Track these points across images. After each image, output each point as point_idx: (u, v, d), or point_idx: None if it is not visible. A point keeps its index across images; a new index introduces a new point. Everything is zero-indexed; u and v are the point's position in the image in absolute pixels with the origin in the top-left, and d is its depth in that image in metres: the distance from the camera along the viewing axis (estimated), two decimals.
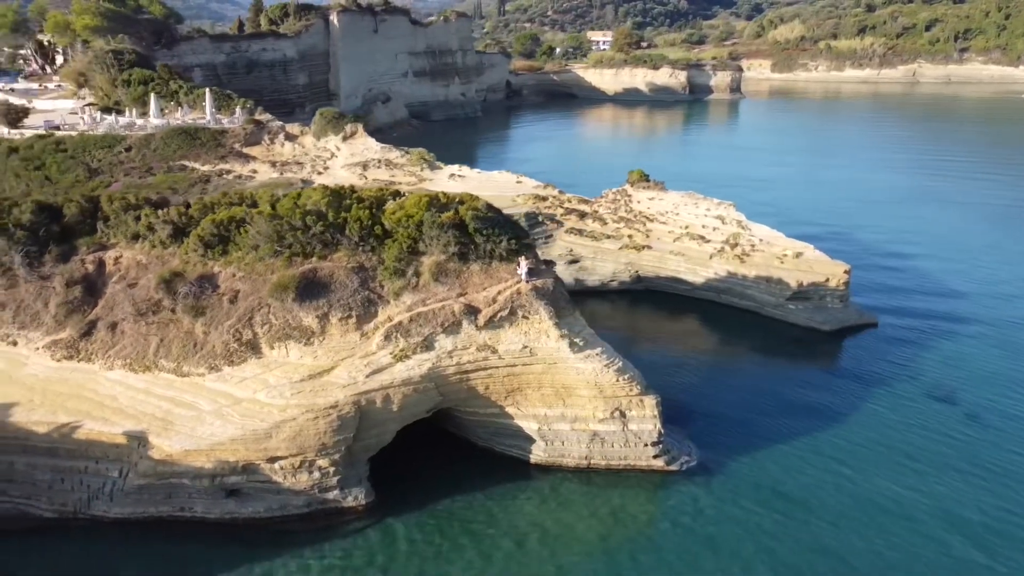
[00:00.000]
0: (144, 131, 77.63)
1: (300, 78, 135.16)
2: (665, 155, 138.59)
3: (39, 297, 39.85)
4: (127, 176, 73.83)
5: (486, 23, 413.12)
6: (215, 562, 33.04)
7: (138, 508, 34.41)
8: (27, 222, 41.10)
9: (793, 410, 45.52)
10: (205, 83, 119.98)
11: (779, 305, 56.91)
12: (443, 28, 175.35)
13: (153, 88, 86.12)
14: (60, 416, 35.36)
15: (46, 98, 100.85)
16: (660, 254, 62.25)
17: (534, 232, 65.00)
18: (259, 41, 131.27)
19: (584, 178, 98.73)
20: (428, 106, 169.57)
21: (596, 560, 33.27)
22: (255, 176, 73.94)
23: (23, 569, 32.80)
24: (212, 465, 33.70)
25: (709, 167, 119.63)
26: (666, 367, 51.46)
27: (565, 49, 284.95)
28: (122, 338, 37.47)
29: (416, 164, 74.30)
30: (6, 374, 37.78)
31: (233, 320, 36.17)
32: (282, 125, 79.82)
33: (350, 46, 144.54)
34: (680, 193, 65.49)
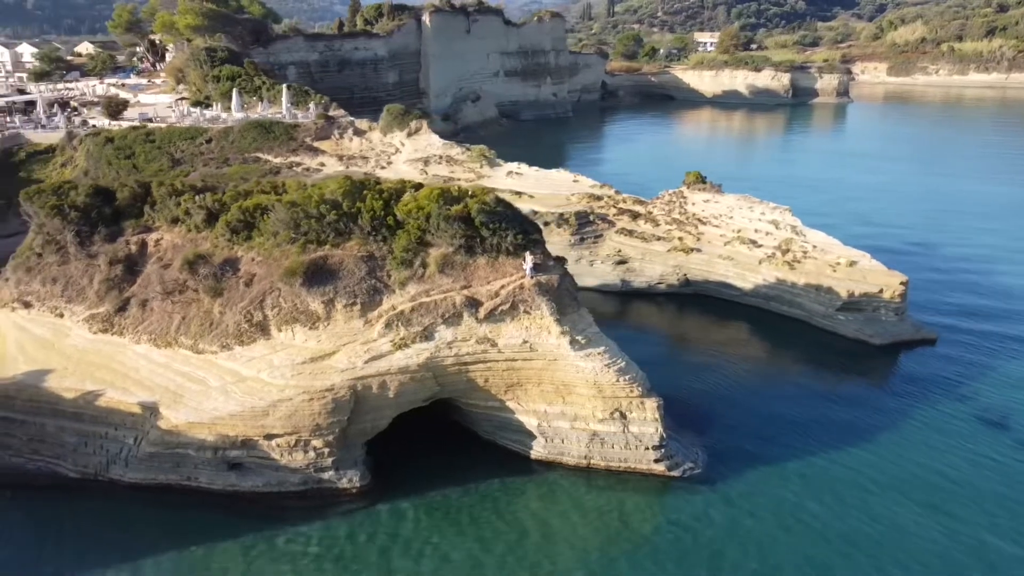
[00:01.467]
0: (225, 124, 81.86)
1: (390, 76, 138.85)
2: (756, 159, 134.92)
3: (85, 274, 42.74)
4: (205, 167, 78.04)
5: (594, 24, 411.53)
6: (216, 530, 34.70)
7: (149, 474, 36.55)
8: (81, 204, 44.11)
9: (826, 426, 43.48)
10: (298, 80, 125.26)
11: (828, 315, 54.42)
12: (536, 28, 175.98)
13: (238, 84, 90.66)
14: (87, 384, 38.00)
15: (150, 92, 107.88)
16: (709, 257, 60.67)
17: (584, 231, 64.85)
18: (351, 40, 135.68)
19: (664, 179, 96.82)
20: (518, 106, 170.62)
21: (586, 560, 32.99)
22: (322, 169, 76.61)
23: (50, 523, 35.46)
24: (214, 438, 35.41)
25: (796, 172, 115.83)
26: (701, 372, 50.45)
27: (668, 50, 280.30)
28: (150, 315, 39.79)
29: (476, 161, 75.16)
30: (50, 343, 40.84)
31: (246, 302, 37.81)
32: (351, 120, 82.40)
33: (441, 45, 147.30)
34: (736, 196, 63.59)
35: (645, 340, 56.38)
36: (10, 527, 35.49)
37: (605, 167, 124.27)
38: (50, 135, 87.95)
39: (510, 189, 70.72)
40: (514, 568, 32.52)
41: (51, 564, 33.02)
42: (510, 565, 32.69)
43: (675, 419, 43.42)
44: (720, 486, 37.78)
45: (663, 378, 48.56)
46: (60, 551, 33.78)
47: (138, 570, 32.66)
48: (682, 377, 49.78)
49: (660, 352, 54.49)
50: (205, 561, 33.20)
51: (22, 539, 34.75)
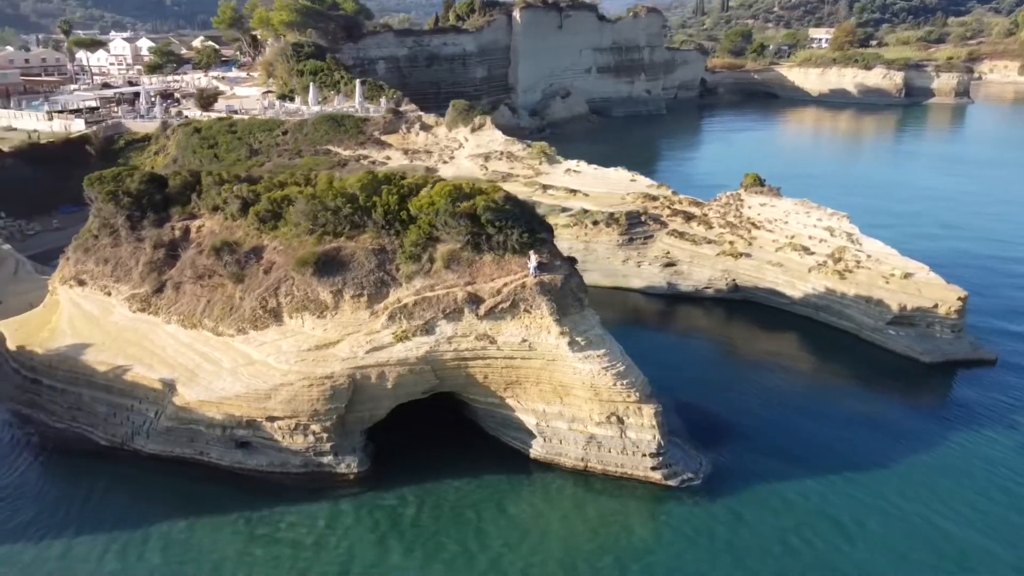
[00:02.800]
0: (301, 117, 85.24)
1: (478, 72, 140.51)
2: (851, 162, 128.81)
3: (133, 256, 45.67)
4: (279, 157, 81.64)
5: (707, 20, 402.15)
6: (223, 504, 36.38)
7: (167, 447, 38.86)
8: (134, 190, 47.10)
9: (855, 447, 41.03)
10: (387, 75, 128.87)
11: (878, 329, 51.68)
12: (631, 24, 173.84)
13: (319, 78, 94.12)
14: (119, 359, 40.71)
15: (245, 85, 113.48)
16: (758, 263, 58.70)
17: (634, 231, 64.06)
18: (440, 36, 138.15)
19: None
20: (610, 102, 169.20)
21: (575, 564, 32.72)
22: (388, 163, 78.70)
23: (80, 486, 38.18)
24: (222, 417, 37.30)
25: (889, 176, 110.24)
26: (736, 381, 49.08)
27: (778, 47, 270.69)
28: (182, 297, 42.17)
29: (535, 158, 75.32)
30: (96, 319, 43.96)
31: (262, 289, 39.53)
32: (419, 115, 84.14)
33: (532, 41, 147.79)
34: (793, 200, 61.21)
35: (685, 345, 55.38)
36: (45, 488, 38.43)
37: (688, 166, 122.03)
38: (148, 125, 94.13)
39: (566, 187, 70.71)
40: (504, 566, 32.59)
41: (74, 525, 35.41)
42: (501, 563, 32.77)
43: (691, 427, 42.65)
44: (721, 501, 36.56)
45: (694, 384, 48.21)
46: (83, 513, 36.19)
47: (149, 537, 34.64)
48: (715, 384, 48.60)
49: (699, 358, 53.30)
50: (211, 533, 34.87)
51: (53, 499, 37.45)
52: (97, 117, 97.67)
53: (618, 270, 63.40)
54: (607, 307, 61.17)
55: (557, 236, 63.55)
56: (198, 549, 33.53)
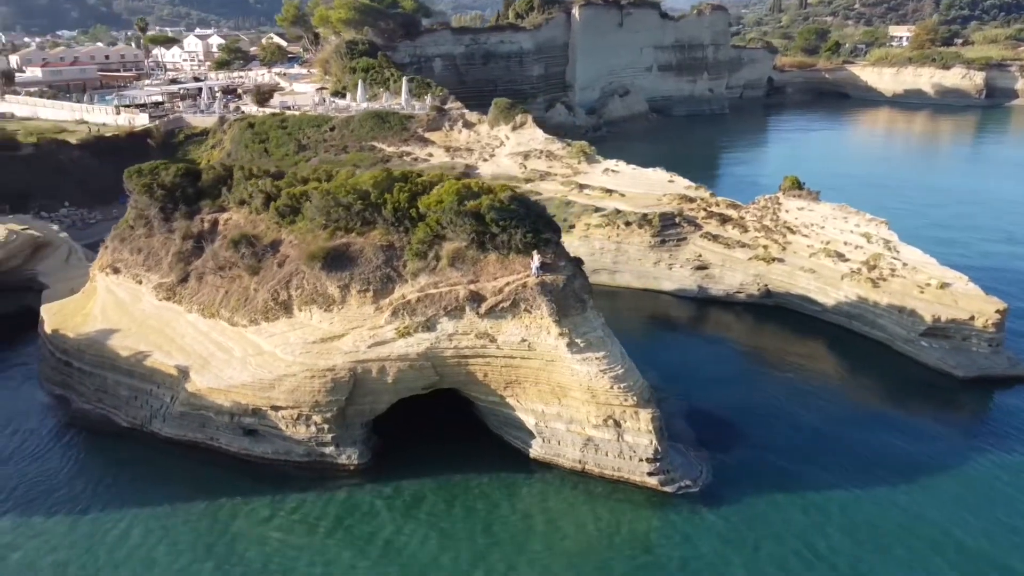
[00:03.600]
0: (348, 113, 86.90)
1: (535, 69, 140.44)
2: (914, 166, 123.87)
3: (163, 246, 47.51)
4: (326, 153, 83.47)
5: (783, 16, 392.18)
6: (230, 488, 37.59)
7: (180, 431, 40.37)
8: (168, 183, 48.95)
9: (873, 462, 39.51)
10: (444, 72, 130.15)
11: (910, 340, 49.76)
12: (695, 22, 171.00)
13: (370, 75, 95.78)
14: (142, 345, 42.46)
15: (304, 82, 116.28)
16: (791, 269, 57.21)
17: (666, 233, 63.26)
18: (497, 34, 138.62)
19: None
20: (671, 101, 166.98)
21: (565, 566, 32.77)
22: (429, 160, 79.61)
23: (107, 466, 39.97)
24: (229, 404, 38.54)
25: (953, 182, 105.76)
26: (758, 388, 48.20)
27: (854, 45, 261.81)
28: (204, 287, 43.67)
29: (575, 157, 75.02)
30: (125, 306, 45.93)
31: (275, 281, 40.62)
32: (462, 113, 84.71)
33: (591, 39, 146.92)
34: (832, 205, 59.44)
35: (712, 350, 54.42)
36: (73, 466, 40.33)
37: (742, 167, 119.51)
38: (207, 119, 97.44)
39: (602, 187, 70.30)
40: (490, 563, 32.79)
41: (99, 502, 36.90)
42: (487, 560, 32.98)
43: (702, 433, 42.02)
44: (717, 511, 35.88)
45: (714, 390, 47.39)
46: (107, 491, 37.82)
47: (159, 515, 35.98)
48: (736, 391, 47.66)
49: (724, 364, 52.26)
50: (216, 515, 36.05)
51: (80, 477, 39.25)
52: (160, 112, 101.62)
53: (649, 272, 62.68)
54: (636, 309, 61.04)
55: (589, 236, 63.84)
56: (207, 532, 34.65)
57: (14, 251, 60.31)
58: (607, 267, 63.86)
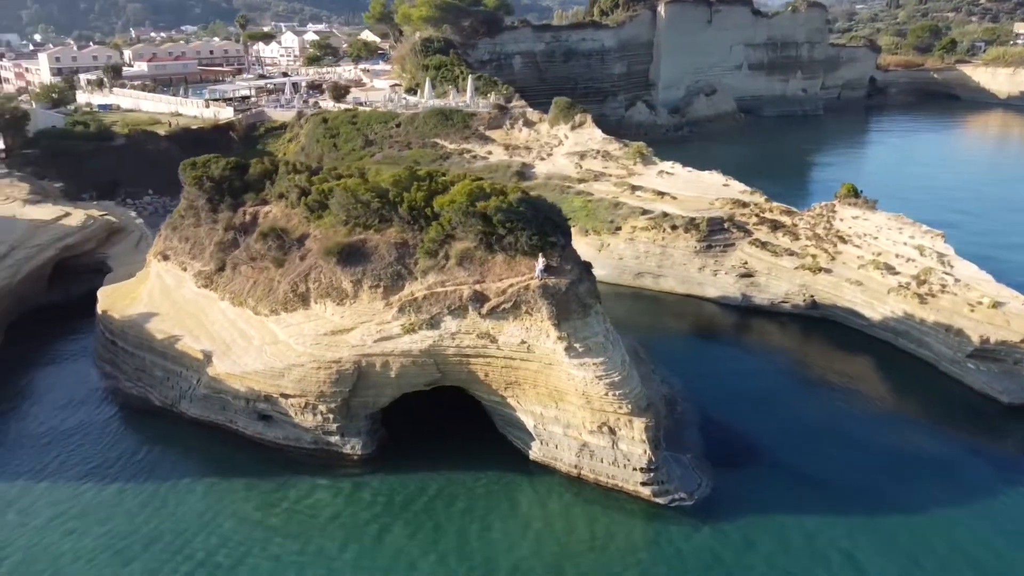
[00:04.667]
0: (415, 110, 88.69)
1: (617, 67, 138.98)
2: None
3: (208, 236, 49.99)
4: (390, 149, 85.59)
5: (900, 13, 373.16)
6: (243, 469, 39.66)
7: (203, 412, 42.59)
8: (216, 176, 51.45)
9: (893, 491, 37.69)
10: (523, 70, 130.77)
11: (956, 361, 47.00)
12: (789, 19, 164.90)
13: (441, 73, 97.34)
14: (176, 329, 44.94)
15: (384, 78, 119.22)
16: (837, 280, 54.94)
17: (714, 238, 61.95)
18: (578, 31, 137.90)
19: (888, 192, 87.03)
20: (761, 101, 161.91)
21: (540, 568, 33.06)
22: (488, 158, 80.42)
23: (138, 442, 42.62)
24: (244, 389, 40.37)
25: None
26: (788, 403, 46.86)
27: (972, 43, 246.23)
28: (237, 277, 45.76)
29: (631, 158, 74.16)
30: (169, 291, 48.66)
31: (295, 274, 42.21)
32: (523, 111, 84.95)
33: (677, 37, 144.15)
34: (888, 215, 56.61)
35: (749, 361, 53.00)
36: (109, 439, 43.13)
37: (825, 171, 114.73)
38: (286, 113, 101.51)
39: (654, 188, 69.37)
40: (477, 563, 33.23)
41: (127, 475, 39.36)
42: (475, 559, 33.42)
43: (716, 445, 41.14)
44: (710, 527, 35.17)
45: (742, 401, 46.37)
46: (135, 465, 40.39)
47: (175, 491, 38.21)
48: (765, 404, 46.34)
49: (758, 375, 50.79)
50: (228, 494, 37.96)
51: (113, 450, 41.95)
52: (244, 106, 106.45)
53: (693, 277, 61.43)
54: (678, 315, 60.01)
55: (635, 238, 63.23)
56: (215, 511, 36.49)
57: (89, 236, 64.83)
58: (651, 271, 63.01)
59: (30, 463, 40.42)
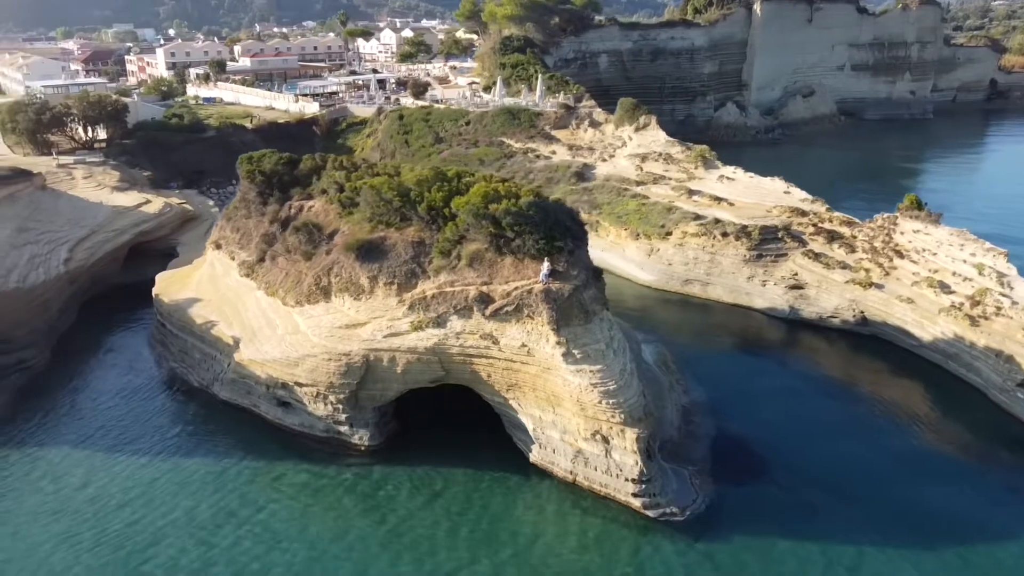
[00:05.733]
0: (485, 108, 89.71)
1: (707, 67, 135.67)
2: None
3: (255, 228, 52.51)
4: (458, 146, 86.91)
5: None
6: (263, 452, 41.61)
7: (232, 396, 44.92)
8: (267, 170, 53.90)
9: (910, 525, 35.63)
10: (609, 69, 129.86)
11: (1005, 390, 43.97)
12: (898, 18, 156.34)
13: (516, 71, 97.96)
14: (214, 315, 47.52)
15: (468, 76, 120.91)
16: (887, 296, 52.26)
17: (765, 247, 60.17)
18: (668, 30, 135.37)
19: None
20: (863, 103, 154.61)
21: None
22: (551, 158, 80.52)
23: (175, 420, 45.32)
24: (264, 376, 42.33)
25: None
26: (816, 424, 45.09)
27: None
28: (274, 268, 47.93)
29: (692, 161, 72.60)
30: (217, 279, 51.39)
31: (320, 268, 43.85)
32: (590, 112, 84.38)
33: (774, 36, 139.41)
34: (950, 230, 53.25)
35: (789, 376, 51.34)
36: (149, 416, 45.84)
37: (918, 181, 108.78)
38: (368, 109, 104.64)
39: (712, 194, 67.84)
40: (462, 561, 33.73)
41: (163, 453, 41.85)
42: (460, 557, 33.93)
43: (725, 460, 40.22)
44: (704, 544, 34.46)
45: (770, 417, 45.10)
46: (170, 444, 43.00)
47: (200, 467, 40.51)
48: (793, 422, 44.85)
49: (795, 392, 49.06)
50: (246, 475, 39.95)
51: (152, 427, 44.60)
52: (330, 101, 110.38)
53: (741, 287, 59.76)
54: (722, 325, 58.61)
55: (684, 244, 62.21)
56: (230, 489, 38.51)
57: (164, 222, 69.22)
58: (700, 278, 61.69)
59: (77, 432, 43.71)
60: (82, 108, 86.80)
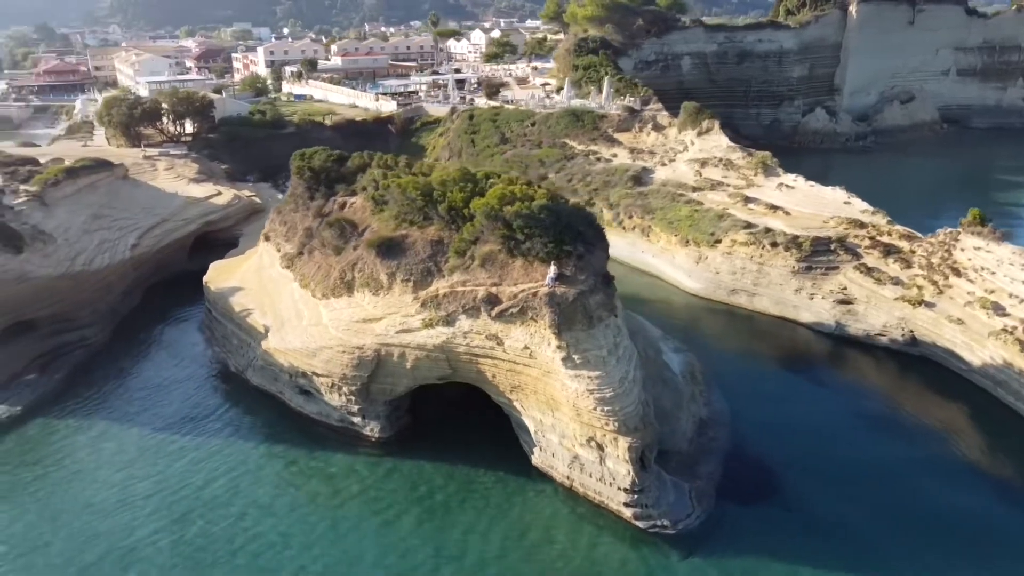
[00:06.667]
0: (550, 110, 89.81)
1: (795, 70, 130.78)
2: None
3: (301, 222, 54.60)
4: (521, 147, 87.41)
5: None
6: (282, 437, 43.50)
7: (261, 382, 47.00)
8: (316, 166, 55.91)
9: (923, 562, 34.16)
10: (692, 71, 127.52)
11: None
12: (1013, 19, 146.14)
13: (587, 73, 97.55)
14: (252, 304, 49.78)
15: (545, 76, 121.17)
16: (936, 317, 49.48)
17: (815, 259, 58.32)
18: (755, 32, 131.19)
19: None
20: (969, 110, 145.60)
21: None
22: (611, 160, 79.94)
23: (209, 402, 47.84)
24: (287, 364, 44.06)
25: None
26: (841, 446, 43.19)
27: None
28: (310, 261, 49.75)
29: (752, 168, 70.56)
30: (262, 269, 53.73)
31: (345, 263, 45.23)
32: (653, 115, 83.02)
33: (871, 38, 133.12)
34: (1014, 248, 49.93)
35: (829, 394, 49.84)
36: (186, 397, 48.40)
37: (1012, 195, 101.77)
38: (442, 109, 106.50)
39: (768, 202, 65.96)
40: (448, 556, 34.42)
41: (194, 433, 44.19)
42: (447, 552, 34.61)
43: (735, 476, 39.26)
44: (698, 559, 33.86)
45: (795, 435, 44.15)
46: (199, 421, 45.59)
47: (227, 447, 42.77)
48: (819, 442, 43.27)
49: (830, 412, 47.17)
50: (263, 457, 41.94)
51: (185, 407, 47.26)
52: (406, 100, 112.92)
53: (788, 299, 57.79)
54: (765, 338, 57.00)
55: (732, 253, 60.94)
56: (252, 475, 40.34)
57: (230, 214, 72.73)
58: (747, 288, 60.03)
59: (119, 408, 46.80)
60: (172, 103, 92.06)
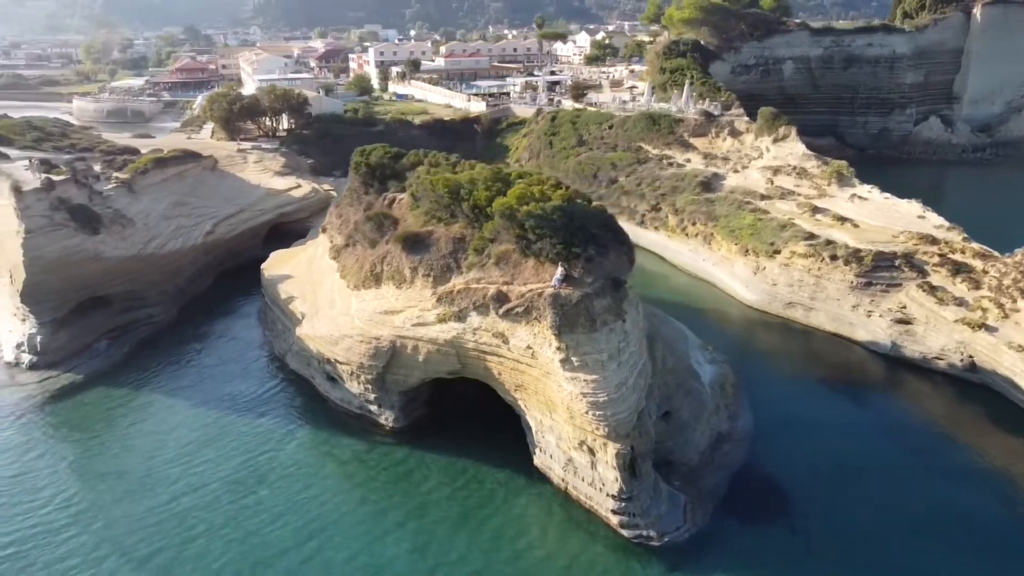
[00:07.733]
0: (629, 112, 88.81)
1: (909, 76, 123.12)
2: None
3: (352, 215, 56.68)
4: (597, 149, 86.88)
5: None
6: (310, 419, 45.58)
7: (297, 366, 49.25)
8: (372, 162, 57.84)
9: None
10: (794, 76, 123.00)
11: None
12: None
13: (674, 77, 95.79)
14: (296, 291, 52.13)
15: (639, 79, 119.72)
16: (996, 342, 45.88)
17: (876, 275, 55.38)
18: (864, 36, 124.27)
19: None
20: None
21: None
22: (684, 165, 78.29)
23: (251, 384, 50.50)
24: (315, 351, 45.92)
25: None
26: (876, 476, 40.97)
27: None
28: (352, 253, 51.64)
29: (826, 177, 67.42)
30: (314, 259, 56.11)
31: (376, 256, 46.70)
32: (731, 120, 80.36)
33: (996, 43, 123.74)
34: None
35: (867, 417, 47.19)
36: (231, 378, 51.12)
37: None
38: (529, 110, 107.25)
39: (837, 213, 63.04)
40: (438, 552, 35.01)
41: (234, 414, 46.85)
42: (436, 548, 35.16)
43: (737, 496, 38.05)
44: (682, 573, 33.09)
45: (819, 460, 42.21)
46: (238, 400, 48.29)
47: (255, 426, 45.09)
48: (847, 469, 41.28)
49: (870, 437, 44.80)
50: (284, 438, 43.91)
51: (230, 385, 50.01)
52: (496, 101, 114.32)
53: (844, 315, 54.99)
54: (816, 355, 54.83)
55: (790, 265, 58.89)
56: (270, 455, 42.26)
57: (304, 206, 76.17)
58: (803, 302, 57.56)
59: (171, 383, 50.25)
60: (269, 100, 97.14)
